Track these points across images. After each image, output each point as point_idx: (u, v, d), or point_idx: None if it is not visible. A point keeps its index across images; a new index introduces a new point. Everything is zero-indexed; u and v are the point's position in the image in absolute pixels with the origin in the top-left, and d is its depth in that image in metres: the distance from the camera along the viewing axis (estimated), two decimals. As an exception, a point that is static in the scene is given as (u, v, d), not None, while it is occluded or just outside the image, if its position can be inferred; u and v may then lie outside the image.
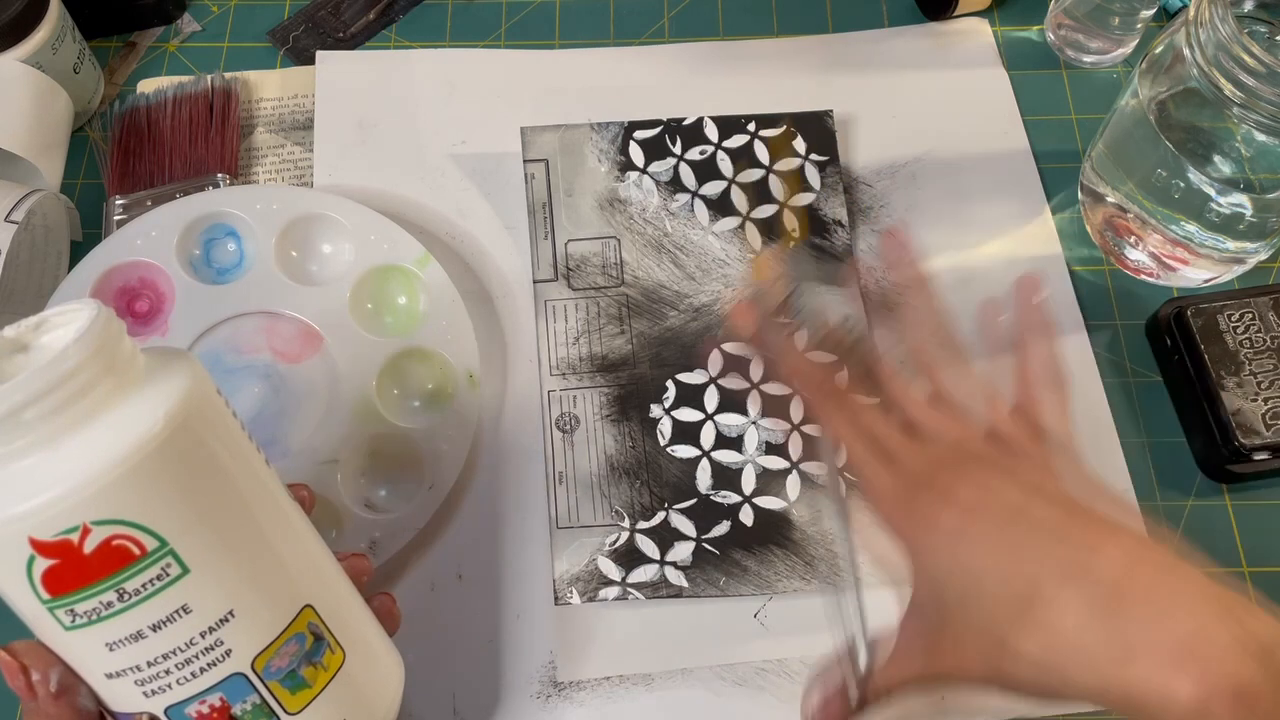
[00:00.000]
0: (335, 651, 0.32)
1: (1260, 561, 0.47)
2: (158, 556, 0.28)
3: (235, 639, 0.29)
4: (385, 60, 0.58)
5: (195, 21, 0.60)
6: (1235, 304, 0.49)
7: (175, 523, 0.28)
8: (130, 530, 0.27)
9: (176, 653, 0.29)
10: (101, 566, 0.27)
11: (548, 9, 0.61)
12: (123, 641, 0.28)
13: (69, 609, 0.28)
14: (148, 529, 0.27)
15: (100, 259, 0.48)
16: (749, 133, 0.54)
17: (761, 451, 0.48)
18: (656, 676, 0.44)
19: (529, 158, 0.53)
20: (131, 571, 0.27)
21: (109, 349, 0.28)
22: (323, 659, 0.32)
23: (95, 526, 0.27)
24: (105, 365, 0.28)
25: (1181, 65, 0.45)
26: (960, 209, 0.55)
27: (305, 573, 0.32)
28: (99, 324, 0.28)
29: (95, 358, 0.28)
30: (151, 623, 0.28)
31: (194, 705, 0.30)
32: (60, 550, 0.27)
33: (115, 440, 0.27)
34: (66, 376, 0.27)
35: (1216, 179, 0.47)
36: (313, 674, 0.31)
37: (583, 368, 0.49)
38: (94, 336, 0.28)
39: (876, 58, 0.59)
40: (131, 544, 0.27)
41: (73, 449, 0.27)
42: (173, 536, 0.28)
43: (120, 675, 0.29)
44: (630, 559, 0.45)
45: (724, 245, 0.52)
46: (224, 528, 0.29)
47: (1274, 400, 0.47)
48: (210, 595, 0.29)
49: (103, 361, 0.28)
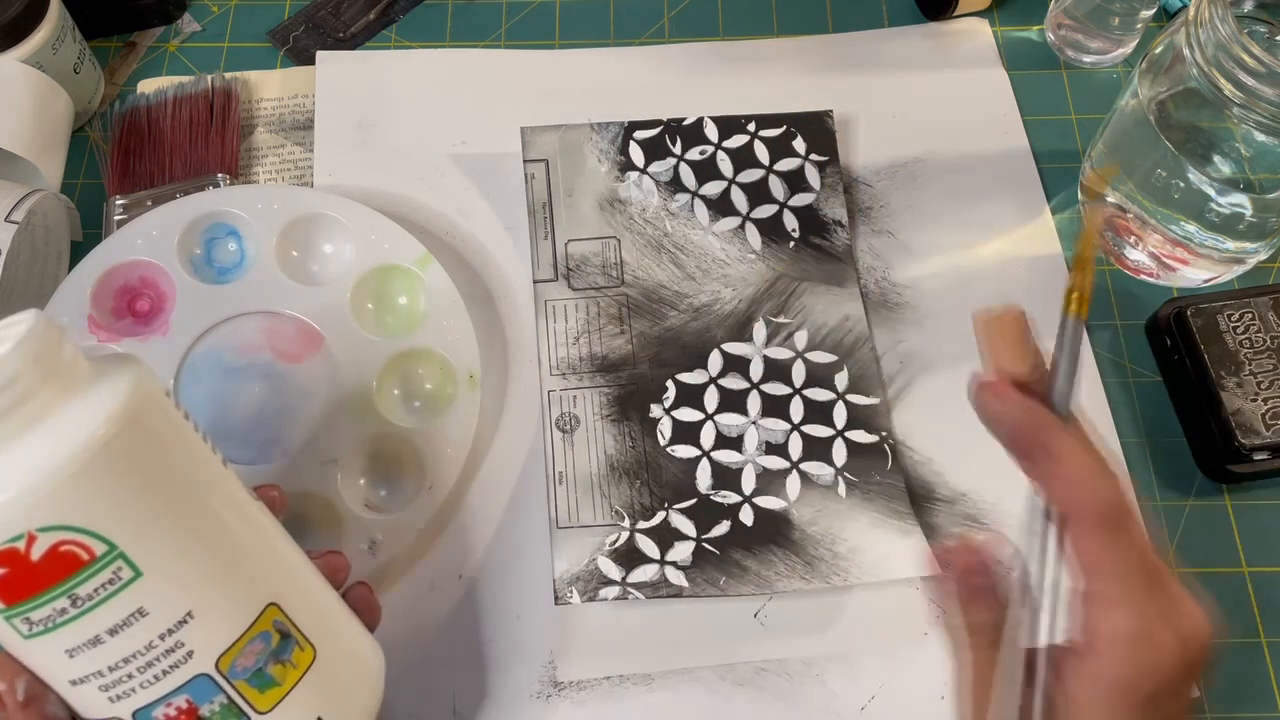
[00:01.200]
0: (305, 649, 0.32)
1: (1260, 561, 0.47)
2: (108, 560, 0.27)
3: (196, 640, 0.29)
4: (385, 60, 0.58)
5: (195, 21, 0.60)
6: (1235, 304, 0.49)
7: (124, 526, 0.28)
8: (77, 535, 0.27)
9: (137, 656, 0.29)
10: (51, 573, 0.27)
11: (548, 9, 0.61)
12: (82, 647, 0.28)
13: (24, 617, 0.28)
14: (95, 534, 0.27)
15: (101, 258, 0.48)
16: (749, 133, 0.54)
17: (761, 451, 0.48)
18: (656, 676, 0.44)
19: (529, 158, 0.53)
20: (82, 577, 0.27)
21: (48, 356, 0.28)
22: (291, 657, 0.31)
23: (40, 534, 0.26)
24: (44, 372, 0.28)
25: (1181, 65, 0.45)
26: (960, 209, 0.55)
27: (269, 571, 0.32)
28: (36, 333, 0.28)
29: (33, 366, 0.27)
30: (108, 627, 0.28)
31: (160, 708, 0.29)
32: (8, 559, 0.27)
33: (57, 446, 0.27)
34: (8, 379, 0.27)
35: (1216, 179, 0.47)
36: (281, 672, 0.31)
37: (583, 368, 0.49)
38: (30, 345, 0.28)
39: (876, 58, 0.59)
40: (80, 549, 0.27)
41: (14, 457, 0.27)
42: (122, 540, 0.28)
43: (84, 681, 0.29)
44: (630, 559, 0.45)
45: (724, 245, 0.52)
46: (176, 529, 0.29)
47: (1274, 400, 0.47)
48: (166, 597, 0.29)
49: (41, 369, 0.27)
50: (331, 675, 0.33)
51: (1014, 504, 0.47)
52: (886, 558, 0.45)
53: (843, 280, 0.52)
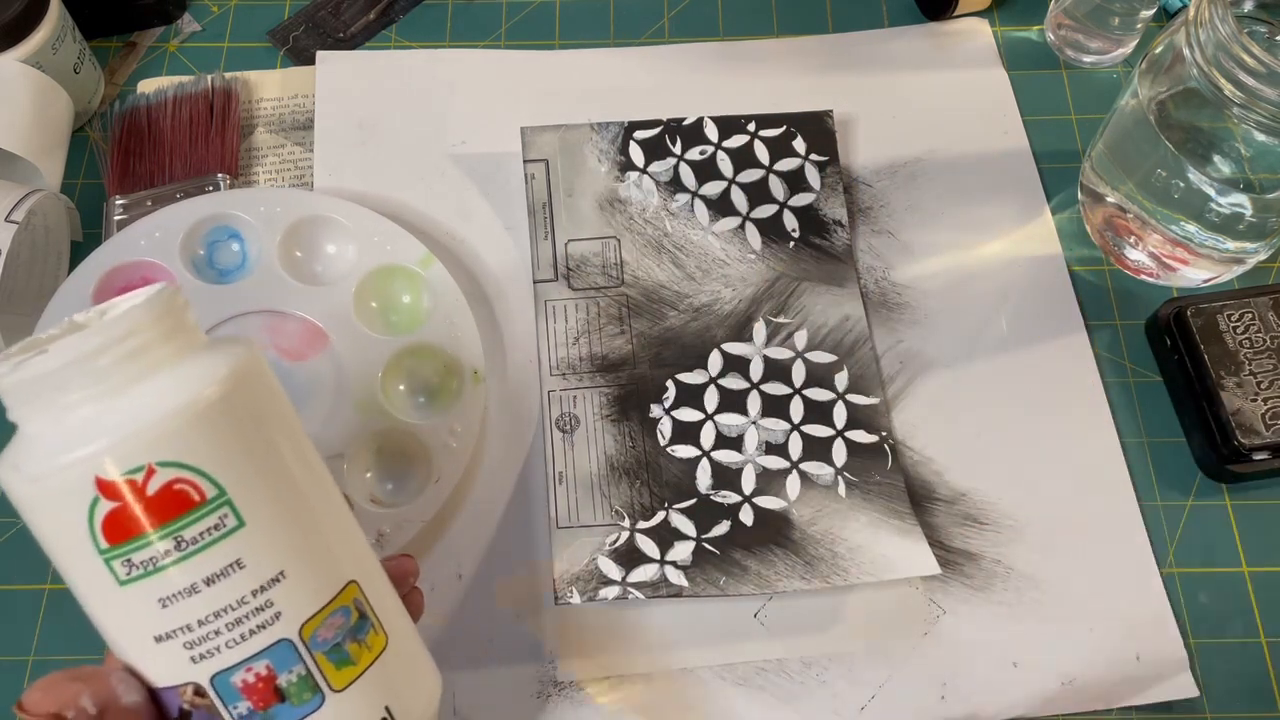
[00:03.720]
0: (379, 634, 0.32)
1: (1260, 562, 0.47)
2: (216, 505, 0.29)
3: (285, 601, 0.30)
4: (385, 60, 0.58)
5: (195, 21, 0.60)
6: (1235, 304, 0.49)
7: (233, 474, 0.29)
8: (192, 475, 0.28)
9: (228, 610, 0.29)
10: (162, 511, 0.28)
11: (548, 9, 0.61)
12: (176, 596, 0.29)
13: (126, 559, 0.28)
14: (208, 475, 0.28)
15: (104, 258, 0.48)
16: (749, 133, 0.54)
17: (761, 451, 0.48)
18: (656, 676, 0.44)
19: (529, 158, 0.53)
20: (190, 518, 0.28)
21: (175, 314, 0.30)
22: (367, 638, 0.32)
23: (159, 468, 0.28)
24: (172, 326, 0.30)
25: (1181, 65, 0.45)
26: (960, 209, 0.55)
27: (350, 550, 0.32)
28: (164, 294, 0.30)
29: (162, 318, 0.29)
30: (206, 575, 0.29)
31: (240, 673, 0.30)
32: (123, 491, 0.28)
33: (180, 389, 0.29)
34: (135, 328, 0.29)
35: (1216, 179, 0.47)
36: (357, 651, 0.31)
37: (583, 368, 0.49)
38: (161, 301, 0.30)
39: (876, 58, 0.59)
40: (192, 489, 0.28)
41: (138, 397, 0.28)
42: (231, 487, 0.29)
43: (170, 637, 0.29)
44: (630, 559, 0.45)
45: (724, 245, 0.52)
46: (277, 488, 0.30)
47: (1273, 400, 0.47)
48: (264, 552, 0.29)
49: (169, 322, 0.30)
50: (400, 669, 0.33)
51: (1014, 504, 0.48)
52: (886, 558, 0.45)
53: (843, 280, 0.52)
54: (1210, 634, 0.46)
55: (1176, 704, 0.44)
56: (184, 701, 0.30)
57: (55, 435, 0.29)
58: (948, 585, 0.46)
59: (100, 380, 0.28)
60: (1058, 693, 0.44)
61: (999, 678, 0.44)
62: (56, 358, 0.28)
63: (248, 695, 0.30)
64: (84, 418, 0.28)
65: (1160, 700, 0.44)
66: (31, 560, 0.46)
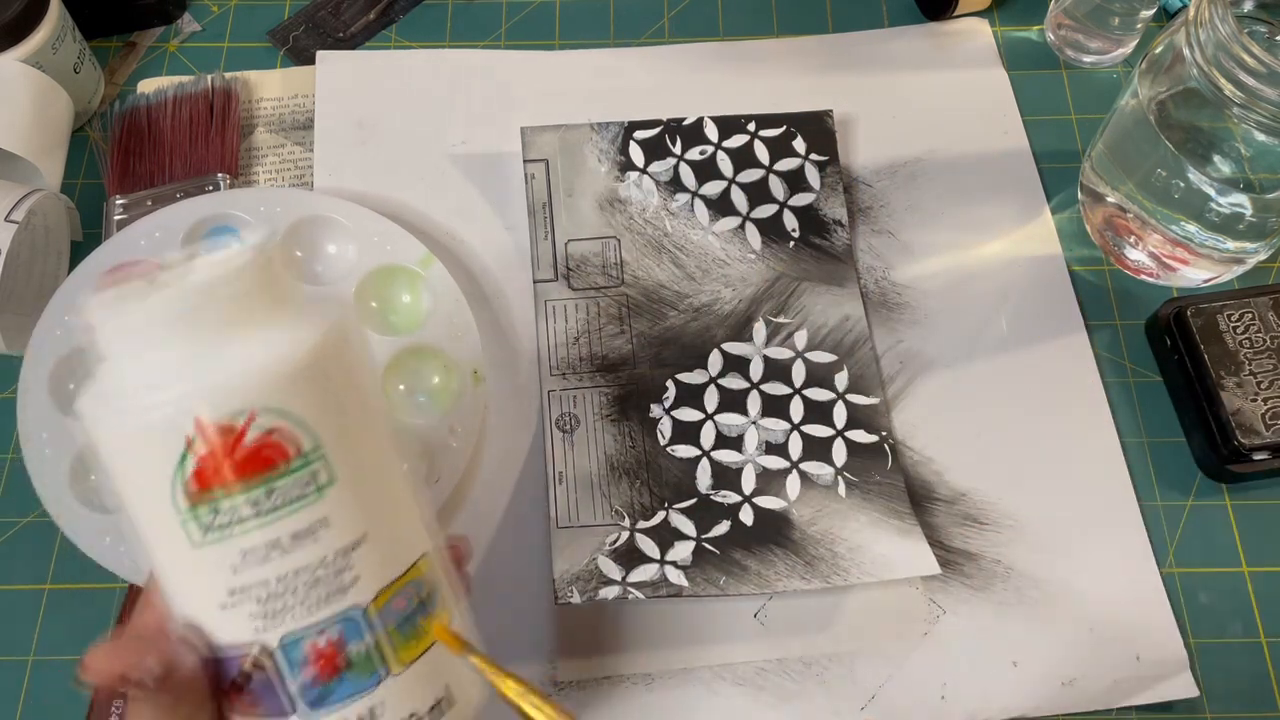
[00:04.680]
0: (445, 611, 0.31)
1: (1260, 562, 0.47)
2: (311, 459, 0.28)
3: (363, 565, 0.29)
4: (385, 60, 0.58)
5: (195, 21, 0.60)
6: (1235, 304, 0.49)
7: (330, 428, 0.28)
8: (292, 424, 0.27)
9: (308, 570, 0.28)
10: (257, 461, 0.27)
11: (548, 9, 0.61)
12: (258, 551, 0.28)
13: (213, 510, 0.27)
14: (308, 427, 0.28)
15: (104, 258, 0.48)
16: (749, 133, 0.54)
17: (761, 451, 0.48)
18: (656, 676, 0.44)
19: (529, 158, 0.53)
20: (284, 471, 0.27)
21: (277, 267, 0.29)
22: (435, 613, 0.31)
23: (261, 414, 0.27)
24: (275, 275, 0.29)
25: (1181, 65, 0.45)
26: (960, 209, 0.55)
27: (421, 523, 0.32)
28: (272, 242, 0.30)
29: (267, 266, 0.29)
30: (291, 533, 0.28)
31: (309, 638, 0.29)
32: (221, 436, 0.27)
33: (283, 339, 0.28)
34: (244, 270, 0.28)
35: (1216, 179, 0.47)
36: (426, 626, 0.31)
37: (583, 368, 0.49)
38: (264, 250, 0.29)
39: (876, 58, 0.59)
40: (290, 440, 0.27)
41: (241, 342, 0.28)
42: (327, 441, 0.28)
43: (242, 595, 0.28)
44: (630, 558, 0.45)
45: (724, 245, 0.52)
46: (368, 447, 0.30)
47: (1273, 400, 0.47)
48: (350, 511, 0.29)
49: (273, 272, 0.29)
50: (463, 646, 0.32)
51: (1014, 504, 0.48)
52: (886, 557, 0.45)
53: (843, 280, 0.52)
54: (1210, 634, 0.46)
55: (1177, 704, 0.44)
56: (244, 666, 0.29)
57: (152, 372, 0.27)
58: (948, 585, 0.46)
59: (206, 321, 0.27)
60: (1058, 693, 0.44)
61: (999, 678, 0.44)
62: (164, 292, 0.27)
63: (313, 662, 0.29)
64: (185, 357, 0.27)
65: (1160, 700, 0.44)
66: (31, 560, 0.46)
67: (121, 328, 0.28)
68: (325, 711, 0.29)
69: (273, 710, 0.29)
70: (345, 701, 0.29)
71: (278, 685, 0.29)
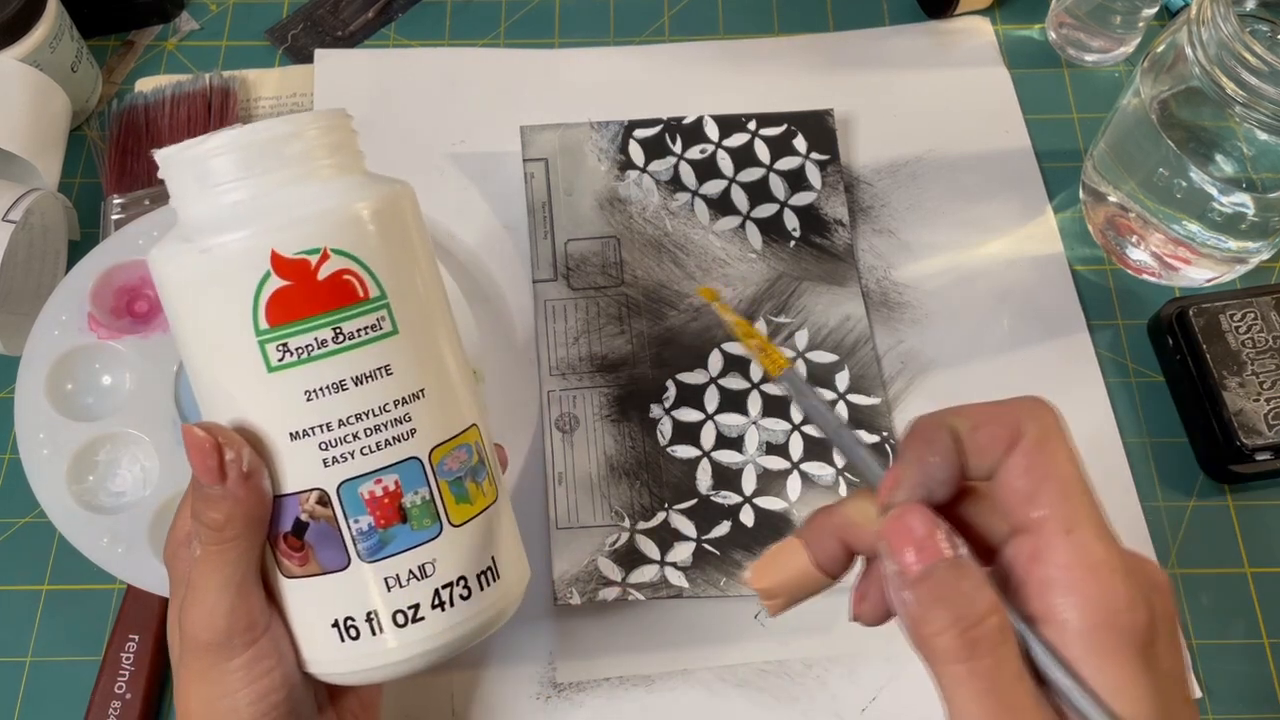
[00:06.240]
0: (492, 484, 0.33)
1: (1262, 562, 0.47)
2: (377, 305, 0.29)
3: (421, 419, 0.30)
4: (384, 59, 0.58)
5: (193, 20, 0.60)
6: (1237, 304, 0.49)
7: (395, 282, 0.30)
8: (360, 269, 0.29)
9: (369, 415, 0.29)
10: (328, 297, 0.29)
11: (547, 7, 0.60)
12: (323, 390, 0.29)
13: (282, 342, 0.29)
14: (375, 275, 0.29)
15: (102, 257, 0.48)
16: (749, 131, 0.54)
17: (762, 452, 0.48)
18: (656, 677, 0.44)
19: (528, 157, 0.53)
20: (352, 311, 0.29)
21: (344, 134, 0.32)
22: (484, 484, 0.32)
23: (333, 254, 0.29)
24: (349, 138, 0.32)
25: (1183, 64, 0.45)
26: (961, 208, 0.54)
27: (472, 399, 0.33)
28: (341, 112, 0.32)
29: (343, 127, 0.32)
30: (355, 374, 0.29)
31: (368, 484, 0.30)
32: (296, 270, 0.28)
33: (354, 191, 0.30)
34: (328, 125, 0.31)
35: (1218, 178, 0.46)
36: (475, 491, 0.32)
37: (582, 368, 0.49)
38: (343, 113, 0.32)
39: (877, 56, 0.59)
40: (358, 283, 0.29)
41: (316, 189, 0.30)
42: (391, 293, 0.30)
43: (306, 435, 0.29)
44: (630, 559, 0.45)
45: (724, 244, 0.52)
46: (428, 309, 0.31)
47: (1276, 400, 0.47)
48: (410, 364, 0.30)
49: (349, 134, 0.32)
50: (505, 529, 0.34)
51: (1015, 504, 0.48)
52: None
53: (843, 280, 0.52)
54: (1212, 635, 0.46)
55: (1178, 705, 0.44)
56: (303, 511, 0.30)
57: (230, 212, 0.29)
58: (949, 586, 0.46)
59: (284, 165, 0.29)
60: (1059, 694, 0.44)
61: (1000, 679, 0.44)
62: (244, 135, 0.29)
63: (372, 509, 0.30)
64: (263, 198, 0.29)
65: (1162, 701, 0.44)
66: (29, 561, 0.46)
67: (197, 170, 0.30)
68: (382, 561, 0.30)
69: (329, 561, 0.30)
70: (403, 552, 0.30)
71: (336, 532, 0.30)
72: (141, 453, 0.45)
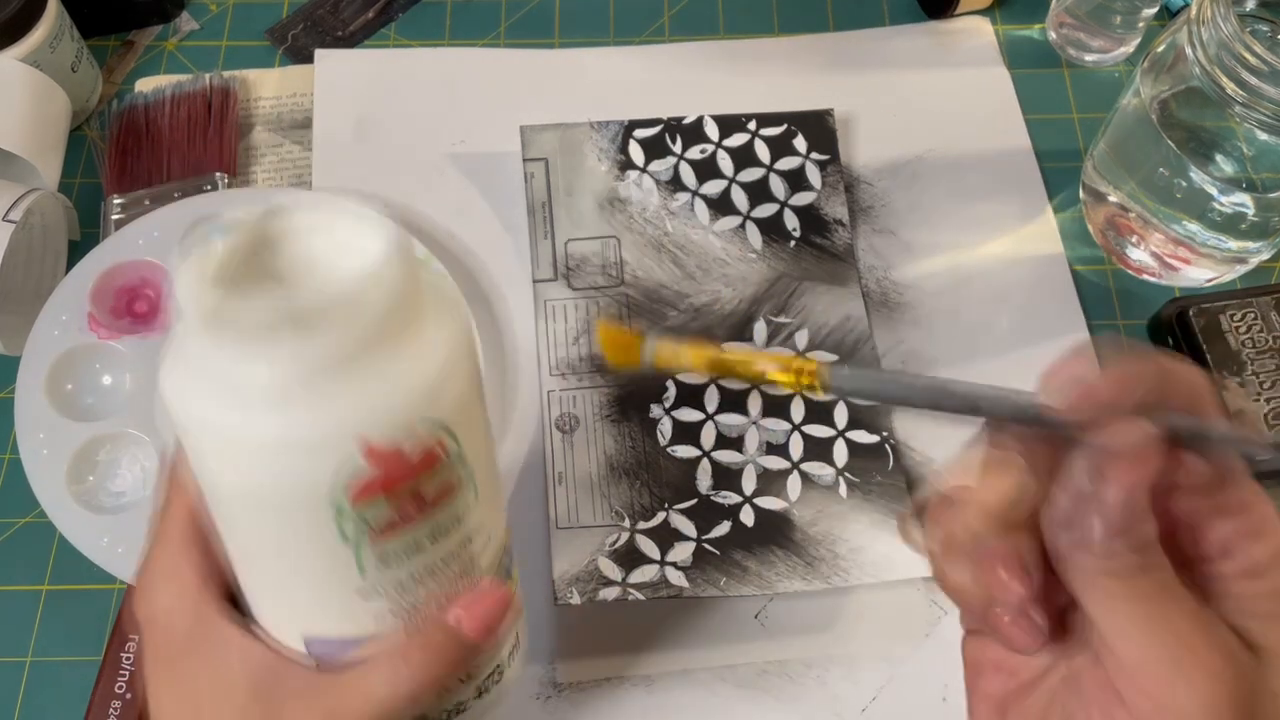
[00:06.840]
0: (514, 576, 0.34)
1: (1262, 562, 0.47)
2: (454, 460, 0.27)
3: (480, 547, 0.30)
4: (384, 59, 0.58)
5: (193, 20, 0.60)
6: (1237, 304, 0.49)
7: (464, 426, 0.27)
8: (444, 436, 0.27)
9: (437, 563, 0.29)
10: (413, 470, 0.26)
11: (547, 7, 0.60)
12: (400, 551, 0.28)
13: (364, 517, 0.26)
14: (452, 432, 0.27)
15: (102, 258, 0.48)
16: (749, 131, 0.54)
17: (762, 452, 0.48)
18: (656, 678, 0.44)
19: (528, 157, 0.53)
20: (433, 474, 0.27)
21: (413, 266, 0.27)
22: (513, 575, 0.34)
23: (420, 424, 0.26)
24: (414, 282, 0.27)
25: (1183, 64, 0.45)
26: (961, 208, 0.54)
27: (503, 498, 0.33)
28: (409, 250, 0.27)
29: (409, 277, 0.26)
30: (432, 530, 0.28)
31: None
32: (384, 455, 0.25)
33: (430, 347, 0.26)
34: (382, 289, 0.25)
35: (1219, 178, 0.46)
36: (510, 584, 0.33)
37: (582, 368, 0.49)
38: (412, 261, 0.26)
39: (877, 56, 0.59)
40: (439, 447, 0.27)
41: (395, 357, 0.26)
42: (463, 438, 0.27)
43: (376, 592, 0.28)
44: (630, 559, 0.45)
45: (724, 245, 0.52)
46: (486, 432, 0.30)
47: (1276, 400, 0.47)
48: (477, 504, 0.29)
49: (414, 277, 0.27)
50: (519, 619, 0.35)
51: (1015, 504, 0.48)
52: (887, 558, 0.45)
53: (844, 280, 0.52)
54: (1212, 635, 0.45)
55: (1179, 705, 0.44)
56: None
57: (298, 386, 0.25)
58: (949, 586, 0.46)
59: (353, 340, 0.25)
60: (1059, 694, 0.44)
61: (1000, 679, 0.44)
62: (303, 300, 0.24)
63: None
64: (338, 376, 0.25)
65: (1162, 702, 0.44)
66: (29, 561, 0.46)
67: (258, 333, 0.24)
68: None
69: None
70: None
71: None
72: (141, 453, 0.45)
